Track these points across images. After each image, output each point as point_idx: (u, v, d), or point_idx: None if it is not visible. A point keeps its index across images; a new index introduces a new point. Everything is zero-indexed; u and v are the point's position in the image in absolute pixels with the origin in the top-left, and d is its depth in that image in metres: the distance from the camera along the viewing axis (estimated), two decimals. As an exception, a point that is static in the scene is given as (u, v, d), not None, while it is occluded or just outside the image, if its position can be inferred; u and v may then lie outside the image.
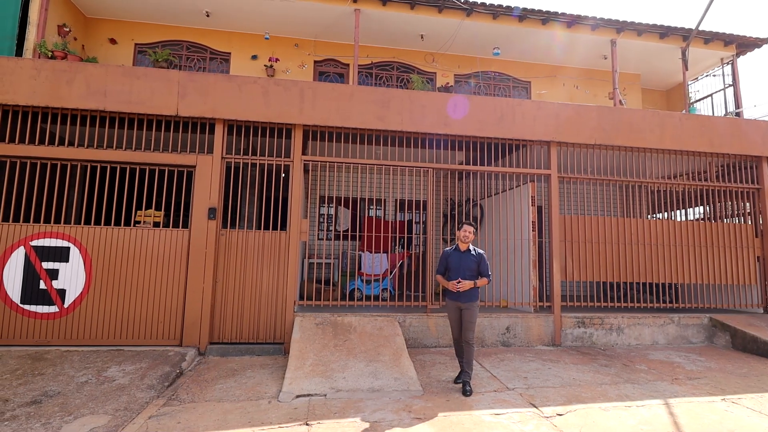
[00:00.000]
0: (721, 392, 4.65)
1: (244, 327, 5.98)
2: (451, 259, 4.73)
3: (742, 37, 9.94)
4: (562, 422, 3.78)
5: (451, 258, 4.74)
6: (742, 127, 7.63)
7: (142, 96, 5.94)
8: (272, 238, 6.19)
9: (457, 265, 4.66)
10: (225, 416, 3.79)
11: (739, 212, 8.15)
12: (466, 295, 4.59)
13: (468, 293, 4.59)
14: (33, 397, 4.00)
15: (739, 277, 7.49)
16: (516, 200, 7.40)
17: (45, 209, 6.12)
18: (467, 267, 4.63)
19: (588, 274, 7.03)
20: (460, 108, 6.64)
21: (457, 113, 6.62)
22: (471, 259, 4.67)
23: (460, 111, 6.62)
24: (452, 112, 6.62)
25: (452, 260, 4.72)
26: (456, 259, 4.69)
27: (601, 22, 9.25)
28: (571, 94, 10.92)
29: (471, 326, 4.56)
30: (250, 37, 9.77)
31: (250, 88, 6.18)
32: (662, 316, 7.01)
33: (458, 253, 4.73)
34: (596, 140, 7.01)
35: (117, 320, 5.69)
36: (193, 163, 6.08)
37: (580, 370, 5.39)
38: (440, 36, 9.68)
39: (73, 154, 5.90)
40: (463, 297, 4.59)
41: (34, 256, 5.63)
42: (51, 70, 5.83)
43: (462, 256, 4.69)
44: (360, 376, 4.76)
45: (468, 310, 4.56)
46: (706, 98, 10.78)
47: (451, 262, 4.71)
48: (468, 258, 4.67)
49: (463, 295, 4.58)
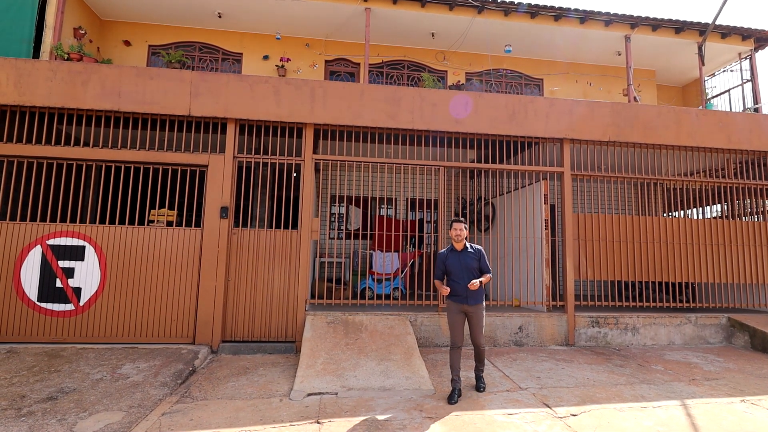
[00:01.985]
0: (740, 393, 4.54)
1: (256, 325, 6.01)
2: (449, 262, 4.43)
3: (761, 31, 9.71)
4: (576, 423, 3.72)
5: (450, 260, 4.43)
6: (761, 123, 7.45)
7: (155, 96, 6.00)
8: (284, 236, 6.21)
9: (457, 266, 4.36)
10: (237, 414, 3.81)
11: (758, 210, 7.96)
12: (474, 297, 4.30)
13: (475, 294, 4.31)
14: (49, 393, 4.06)
15: (758, 276, 7.32)
16: (528, 198, 7.32)
17: (61, 209, 6.22)
18: (469, 266, 4.34)
19: (602, 273, 6.93)
20: (471, 106, 6.59)
21: (467, 111, 6.57)
22: (471, 257, 4.39)
23: (470, 109, 6.57)
24: (463, 109, 6.57)
25: (451, 262, 4.41)
26: (455, 261, 4.39)
27: (615, 17, 9.12)
28: (585, 90, 10.78)
29: (480, 329, 4.36)
30: (262, 37, 9.83)
31: (262, 88, 6.21)
32: (679, 315, 6.88)
33: (455, 253, 4.44)
34: (610, 137, 6.91)
35: (131, 318, 5.76)
36: (205, 163, 6.13)
37: (594, 370, 5.31)
38: (451, 34, 9.62)
39: (88, 155, 5.98)
40: (471, 299, 4.30)
41: (50, 254, 5.73)
42: (67, 71, 5.92)
43: (460, 256, 4.40)
44: (371, 374, 4.75)
45: (476, 312, 4.32)
46: (723, 94, 10.54)
47: (451, 265, 4.41)
48: (467, 257, 4.38)
49: (470, 297, 4.29)
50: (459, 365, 4.34)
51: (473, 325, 4.36)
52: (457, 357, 4.33)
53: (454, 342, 4.35)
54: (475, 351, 4.49)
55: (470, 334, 4.41)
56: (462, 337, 4.38)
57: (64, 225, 5.83)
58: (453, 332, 4.36)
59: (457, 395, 4.20)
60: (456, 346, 4.34)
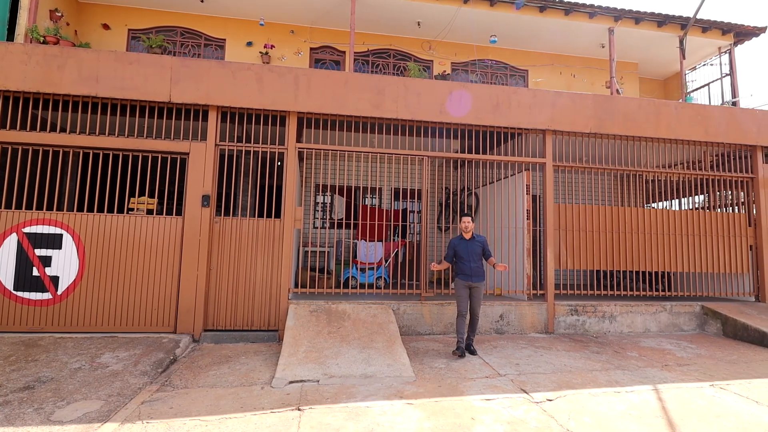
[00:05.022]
0: (710, 378, 4.70)
1: (239, 314, 6.00)
2: (459, 248, 5.44)
3: (740, 26, 9.88)
4: (551, 407, 3.82)
5: (460, 246, 5.45)
6: (737, 116, 7.62)
7: (134, 82, 5.88)
8: (266, 225, 6.18)
9: (465, 251, 5.39)
10: (217, 401, 3.81)
11: (733, 201, 8.17)
12: (478, 275, 5.35)
13: (479, 273, 5.36)
14: (26, 382, 4.01)
15: (731, 266, 7.54)
16: (511, 189, 7.40)
17: (37, 196, 6.08)
18: (475, 251, 5.39)
19: (582, 262, 7.07)
20: (455, 98, 6.60)
21: (452, 102, 6.58)
22: (477, 244, 5.43)
23: (455, 100, 6.58)
24: (447, 100, 6.58)
25: (461, 248, 5.43)
26: (464, 247, 5.42)
27: (599, 9, 9.18)
28: (569, 82, 10.87)
29: (479, 302, 5.40)
30: (246, 23, 9.66)
31: (244, 75, 6.13)
32: (655, 304, 7.07)
33: (465, 241, 5.45)
34: (591, 129, 7.00)
35: (111, 307, 5.70)
36: (186, 150, 6.04)
37: (571, 356, 5.44)
38: (437, 23, 9.59)
39: (66, 141, 5.85)
40: (475, 277, 5.34)
41: (26, 243, 5.62)
42: (42, 55, 5.76)
43: (469, 244, 5.43)
44: (353, 362, 4.79)
45: (478, 288, 5.36)
46: (703, 87, 10.73)
47: (461, 250, 5.42)
48: (474, 244, 5.42)
49: (475, 275, 5.33)
50: (464, 329, 5.36)
51: (474, 298, 5.38)
52: (462, 323, 5.36)
53: (460, 311, 5.36)
54: (471, 320, 5.46)
55: (470, 305, 5.40)
56: (467, 308, 5.37)
57: (40, 213, 5.71)
58: (459, 304, 5.39)
59: (461, 353, 5.22)
60: (462, 315, 5.35)
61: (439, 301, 6.51)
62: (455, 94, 6.60)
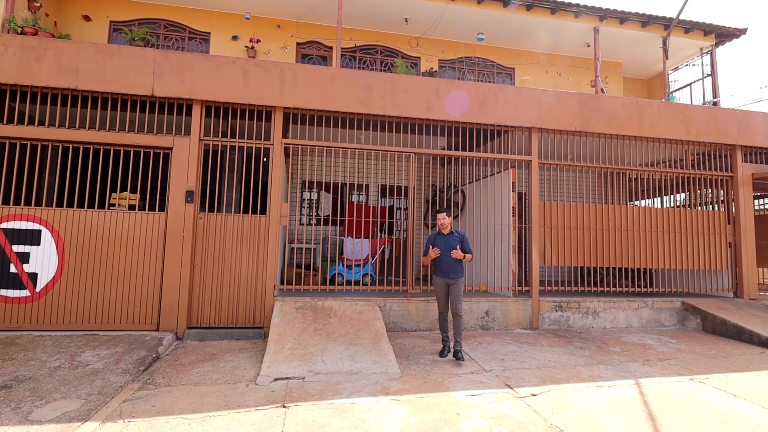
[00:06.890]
0: (690, 372, 4.80)
1: (223, 311, 5.93)
2: (437, 242, 5.32)
3: (722, 27, 10.07)
4: (535, 402, 3.86)
5: (437, 240, 5.33)
6: (718, 116, 7.77)
7: (116, 75, 5.76)
8: (252, 222, 6.12)
9: (443, 246, 5.26)
10: (201, 399, 3.77)
11: (713, 199, 8.34)
12: (454, 271, 5.18)
13: (456, 269, 5.18)
14: (3, 381, 3.92)
15: (711, 263, 7.70)
16: (497, 186, 7.44)
17: (15, 191, 5.93)
18: (452, 246, 5.22)
19: (566, 259, 7.14)
20: (442, 95, 6.60)
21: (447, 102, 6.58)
22: (454, 239, 5.28)
23: (449, 100, 6.59)
24: (435, 97, 6.58)
25: (438, 242, 5.30)
26: (442, 241, 5.29)
27: (585, 9, 9.27)
28: (555, 81, 10.96)
29: (459, 299, 5.15)
30: (231, 16, 9.53)
31: (229, 69, 6.04)
32: (637, 300, 7.18)
33: (442, 236, 5.34)
34: (576, 127, 7.06)
35: (91, 305, 5.58)
36: (169, 145, 5.94)
37: (555, 352, 5.50)
38: (425, 20, 9.58)
39: (45, 134, 5.70)
40: (452, 273, 5.17)
41: (3, 239, 5.47)
42: (19, 45, 5.60)
43: (446, 238, 5.30)
44: (339, 359, 4.78)
45: (455, 284, 5.17)
46: (685, 87, 10.92)
47: (438, 244, 5.30)
48: (451, 239, 5.28)
49: (451, 271, 5.17)
50: (446, 326, 5.30)
51: (453, 295, 5.18)
52: (444, 320, 5.29)
53: (441, 310, 5.30)
54: (454, 320, 5.16)
55: (450, 302, 5.22)
56: (446, 305, 5.27)
57: (18, 208, 5.56)
58: (439, 302, 5.31)
59: (447, 350, 5.17)
60: (442, 313, 5.29)
61: (426, 297, 6.52)
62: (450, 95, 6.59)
